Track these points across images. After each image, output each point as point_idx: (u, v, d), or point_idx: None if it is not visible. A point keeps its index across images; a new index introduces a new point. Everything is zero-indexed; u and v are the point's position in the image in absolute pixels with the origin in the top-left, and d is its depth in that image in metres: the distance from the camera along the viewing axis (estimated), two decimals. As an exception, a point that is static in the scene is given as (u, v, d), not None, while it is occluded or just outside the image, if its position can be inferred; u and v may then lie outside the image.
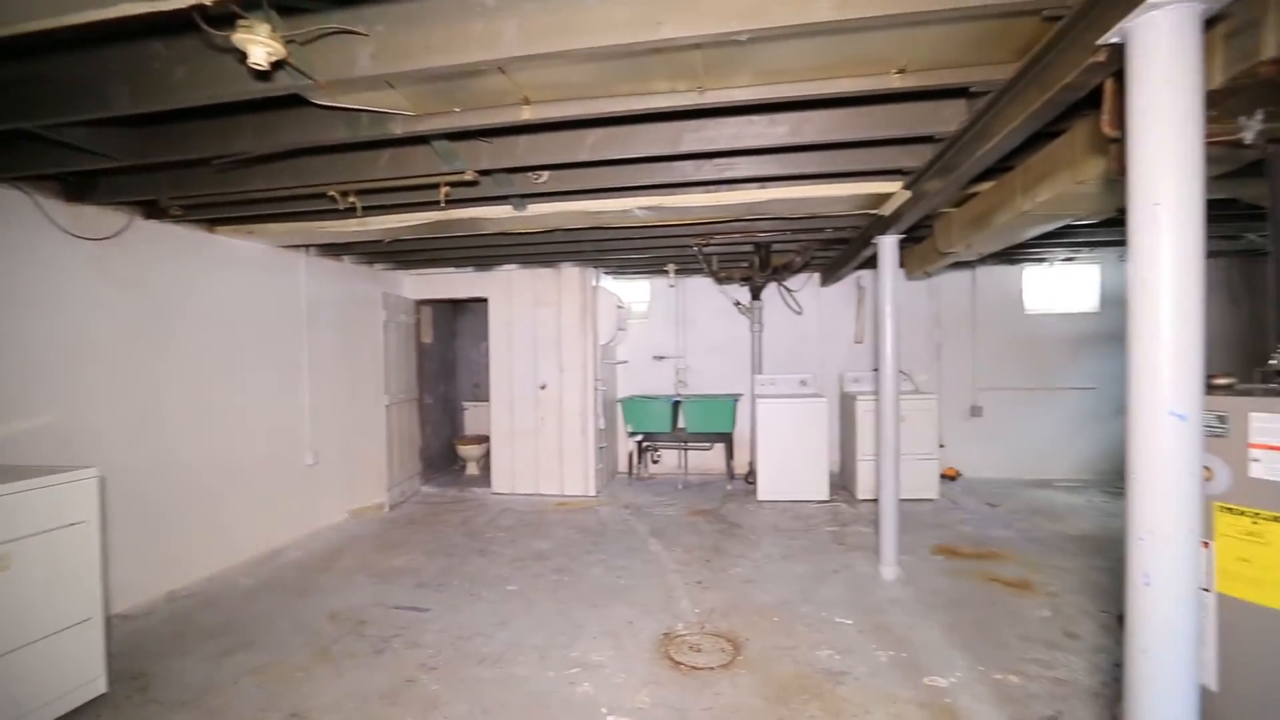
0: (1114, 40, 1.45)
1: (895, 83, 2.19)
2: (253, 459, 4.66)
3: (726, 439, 6.75)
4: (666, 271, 6.75)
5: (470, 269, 6.60)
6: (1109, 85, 1.61)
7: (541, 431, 6.49)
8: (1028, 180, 2.88)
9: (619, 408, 7.16)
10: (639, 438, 6.86)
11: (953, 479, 6.66)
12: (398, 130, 2.55)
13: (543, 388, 6.47)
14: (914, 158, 3.07)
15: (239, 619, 3.58)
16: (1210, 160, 2.14)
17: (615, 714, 2.61)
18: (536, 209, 3.99)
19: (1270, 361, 1.57)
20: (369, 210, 3.83)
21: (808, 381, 6.57)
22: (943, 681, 2.82)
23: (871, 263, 4.18)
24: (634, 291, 7.61)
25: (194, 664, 3.08)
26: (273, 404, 4.89)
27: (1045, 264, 6.62)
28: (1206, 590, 1.54)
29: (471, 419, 8.23)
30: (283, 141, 2.75)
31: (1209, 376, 1.64)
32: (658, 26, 1.82)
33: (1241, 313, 6.24)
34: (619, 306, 6.89)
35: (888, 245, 3.89)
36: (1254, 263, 6.16)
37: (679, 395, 7.06)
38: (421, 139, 2.88)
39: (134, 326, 3.83)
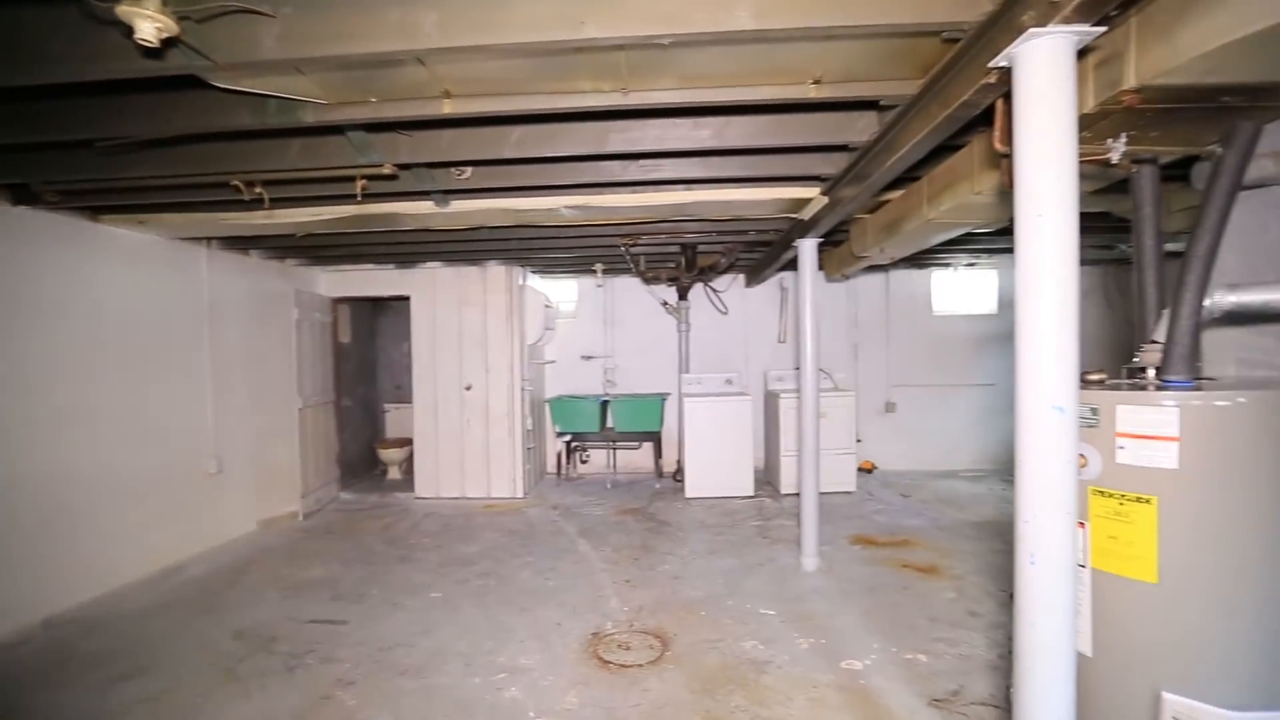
0: (1003, 64, 1.57)
1: (812, 93, 2.29)
2: (147, 468, 4.29)
3: (655, 438, 6.82)
4: (594, 271, 6.75)
5: (391, 266, 6.36)
6: (1000, 104, 1.74)
7: (467, 433, 6.34)
8: (932, 190, 3.07)
9: (547, 408, 7.09)
10: (567, 438, 6.82)
11: (869, 472, 7.00)
12: (308, 119, 2.42)
13: (468, 388, 6.32)
14: (831, 165, 3.21)
15: (131, 643, 3.30)
16: (1085, 177, 2.36)
17: (543, 717, 2.59)
18: (460, 206, 3.89)
19: (1134, 359, 1.75)
20: (278, 202, 3.61)
21: (733, 380, 6.74)
22: (859, 664, 2.96)
23: (794, 265, 4.35)
24: (562, 291, 7.55)
25: (76, 696, 2.81)
26: (170, 408, 4.53)
27: (950, 268, 7.08)
28: (1082, 566, 1.70)
29: (394, 421, 7.93)
30: (178, 125, 2.55)
31: (1084, 373, 1.80)
32: (581, 26, 1.82)
33: (1115, 315, 6.89)
34: (547, 306, 6.82)
35: (807, 248, 4.04)
36: (1125, 270, 6.82)
37: (607, 395, 7.07)
38: (335, 129, 2.75)
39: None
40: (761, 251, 5.69)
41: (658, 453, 6.90)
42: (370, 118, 2.46)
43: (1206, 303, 1.63)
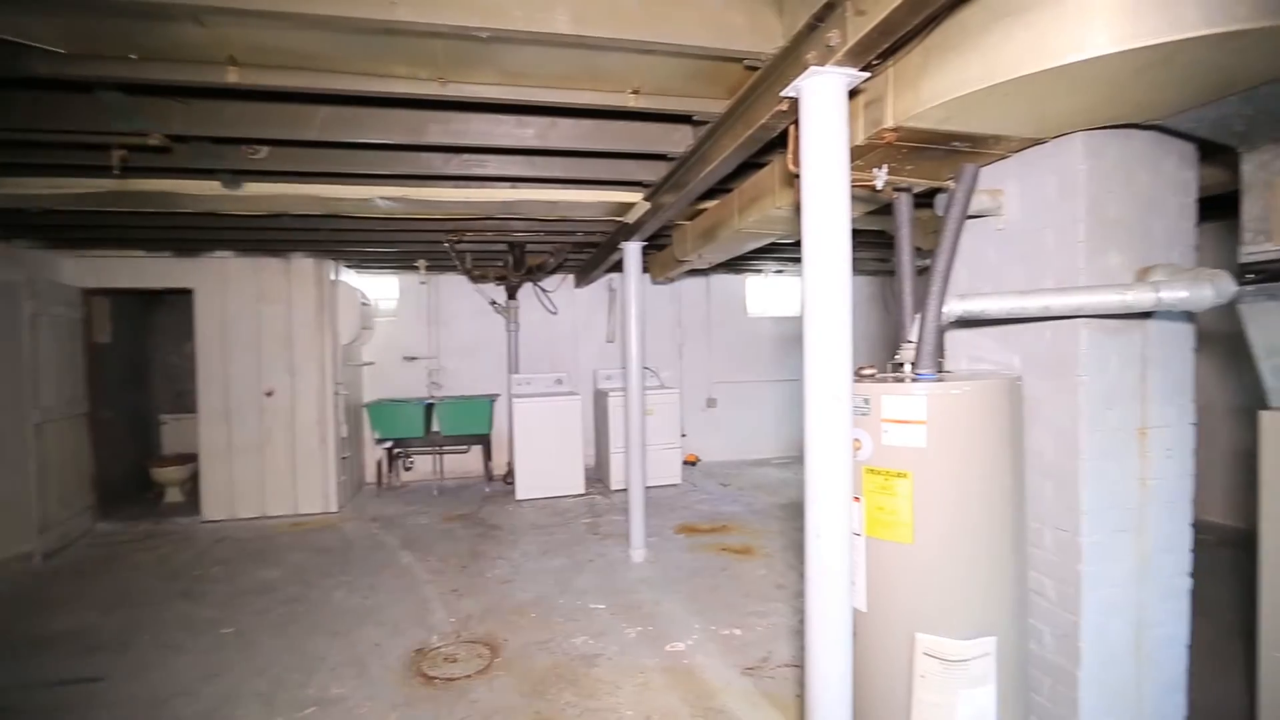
0: (792, 94, 1.77)
1: (631, 102, 2.38)
2: None
3: (484, 440, 6.63)
4: (417, 268, 6.37)
5: (169, 254, 5.45)
6: (793, 130, 1.94)
7: (269, 445, 5.65)
8: (742, 202, 3.36)
9: (365, 413, 6.57)
10: (388, 444, 6.37)
11: (693, 464, 7.45)
12: (40, 70, 1.99)
13: (269, 394, 5.63)
14: (652, 172, 3.36)
15: None
16: (859, 199, 2.73)
17: (358, 748, 2.40)
18: (256, 189, 3.46)
19: (896, 356, 2.08)
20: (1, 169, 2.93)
21: (563, 380, 6.78)
22: (682, 645, 3.15)
23: (621, 266, 4.49)
24: (381, 288, 7.04)
25: None
26: None
27: (762, 274, 7.78)
28: (858, 535, 1.97)
29: (173, 435, 6.80)
30: None
31: (859, 368, 2.10)
32: (392, 7, 1.71)
33: (890, 319, 8.09)
34: (363, 303, 6.31)
35: (632, 251, 4.20)
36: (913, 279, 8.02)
37: (432, 397, 6.72)
38: (83, 86, 2.29)
39: None
40: (589, 252, 5.79)
41: (487, 455, 6.71)
42: (129, 77, 2.09)
43: (945, 309, 1.98)
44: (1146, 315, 2.02)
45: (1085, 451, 1.98)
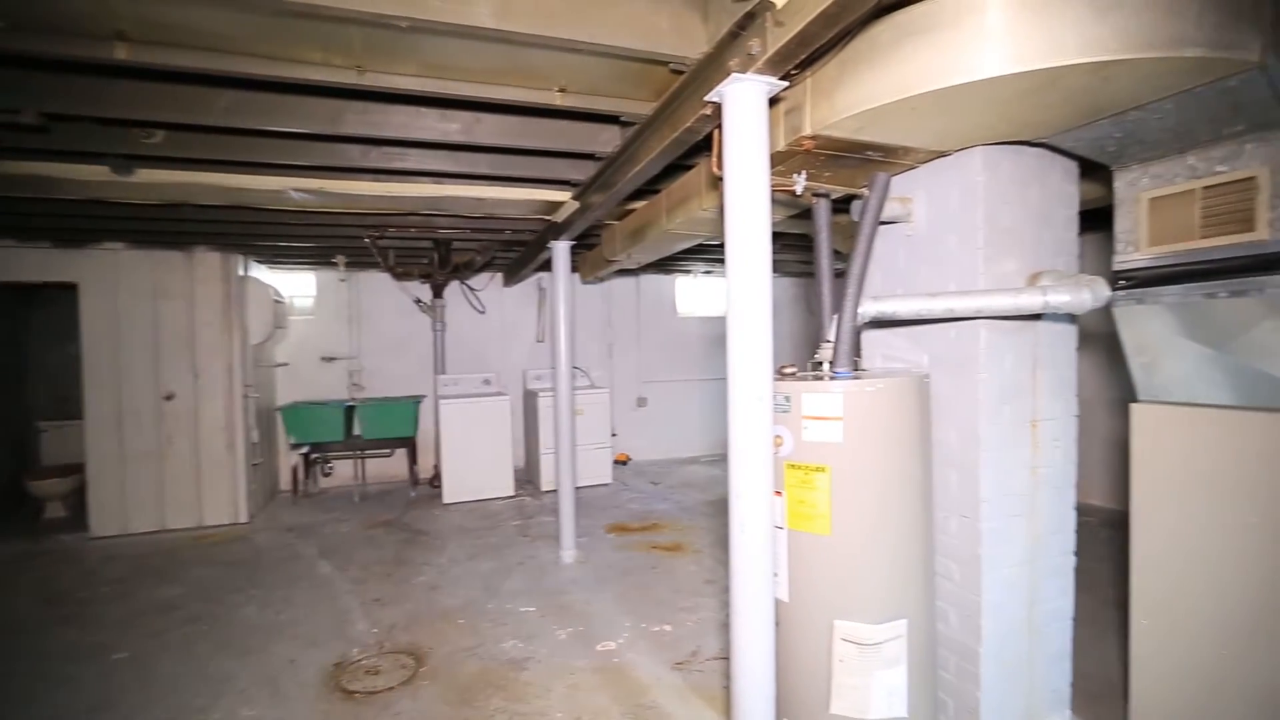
0: (715, 99, 1.81)
1: (558, 100, 2.36)
2: None
3: (409, 443, 6.41)
4: (336, 264, 6.08)
5: (47, 244, 4.95)
6: (717, 134, 1.99)
7: (169, 452, 5.24)
8: (670, 203, 3.40)
9: (279, 417, 6.21)
10: (305, 449, 6.05)
11: (624, 463, 7.49)
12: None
13: (169, 398, 5.22)
14: (580, 171, 3.35)
15: None
16: (782, 204, 2.83)
17: (269, 771, 2.27)
18: (150, 176, 3.20)
19: (815, 356, 2.16)
20: None
21: (491, 380, 6.65)
22: (613, 644, 3.16)
23: (550, 265, 4.45)
24: (297, 284, 6.67)
25: None
26: None
27: (691, 275, 7.91)
28: (780, 528, 2.05)
29: (54, 444, 6.20)
30: None
31: (781, 367, 2.17)
32: (303, -12, 1.63)
33: (813, 320, 8.40)
34: (276, 301, 5.97)
35: (561, 250, 4.17)
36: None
37: (353, 399, 6.44)
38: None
39: None
40: (518, 251, 5.71)
41: (413, 459, 6.49)
42: (-3, 49, 1.88)
43: (860, 310, 2.08)
44: (1037, 317, 2.20)
45: (985, 443, 2.13)
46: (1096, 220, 2.72)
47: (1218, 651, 1.96)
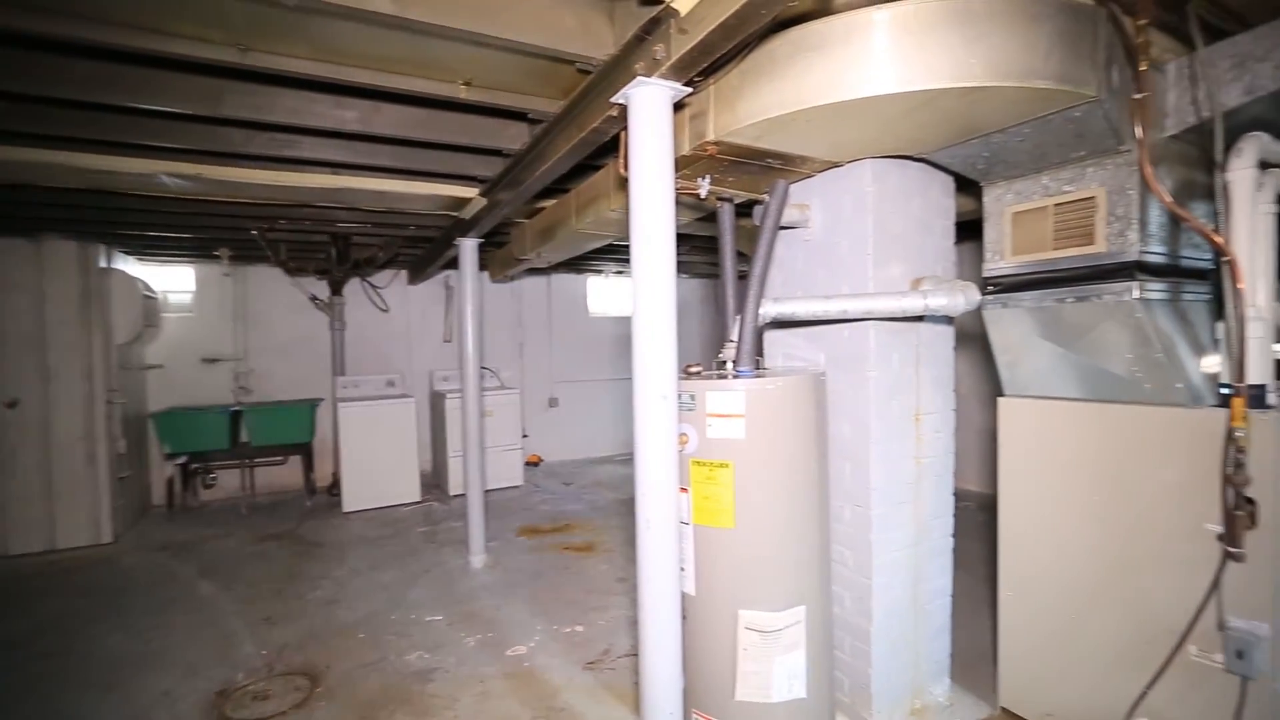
0: (621, 101, 1.83)
1: (463, 94, 2.30)
2: None
3: (304, 449, 6.01)
4: (218, 257, 5.60)
5: None
6: (623, 135, 2.00)
7: (13, 467, 4.63)
8: (579, 203, 3.39)
9: (151, 424, 5.64)
10: (183, 459, 5.53)
11: (536, 465, 7.39)
12: None
13: (11, 405, 4.62)
14: (488, 168, 3.28)
15: None
16: (687, 207, 2.89)
17: (138, 815, 2.06)
18: (-15, 153, 2.82)
19: (720, 355, 2.23)
20: None
21: (396, 382, 6.37)
22: (523, 648, 3.11)
23: (458, 263, 4.31)
24: (173, 279, 6.09)
25: None
26: None
27: (603, 275, 7.93)
28: (686, 524, 2.10)
29: None
30: None
31: (686, 366, 2.22)
32: (170, -45, 1.49)
33: (723, 320, 8.66)
34: (147, 296, 5.42)
35: (468, 248, 4.06)
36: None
37: (239, 404, 5.96)
38: None
39: None
40: (423, 247, 5.50)
41: (309, 466, 6.09)
42: None
43: (761, 311, 2.17)
44: (919, 319, 2.38)
45: (875, 435, 2.28)
46: (971, 231, 2.98)
47: (1068, 616, 2.20)
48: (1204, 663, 1.86)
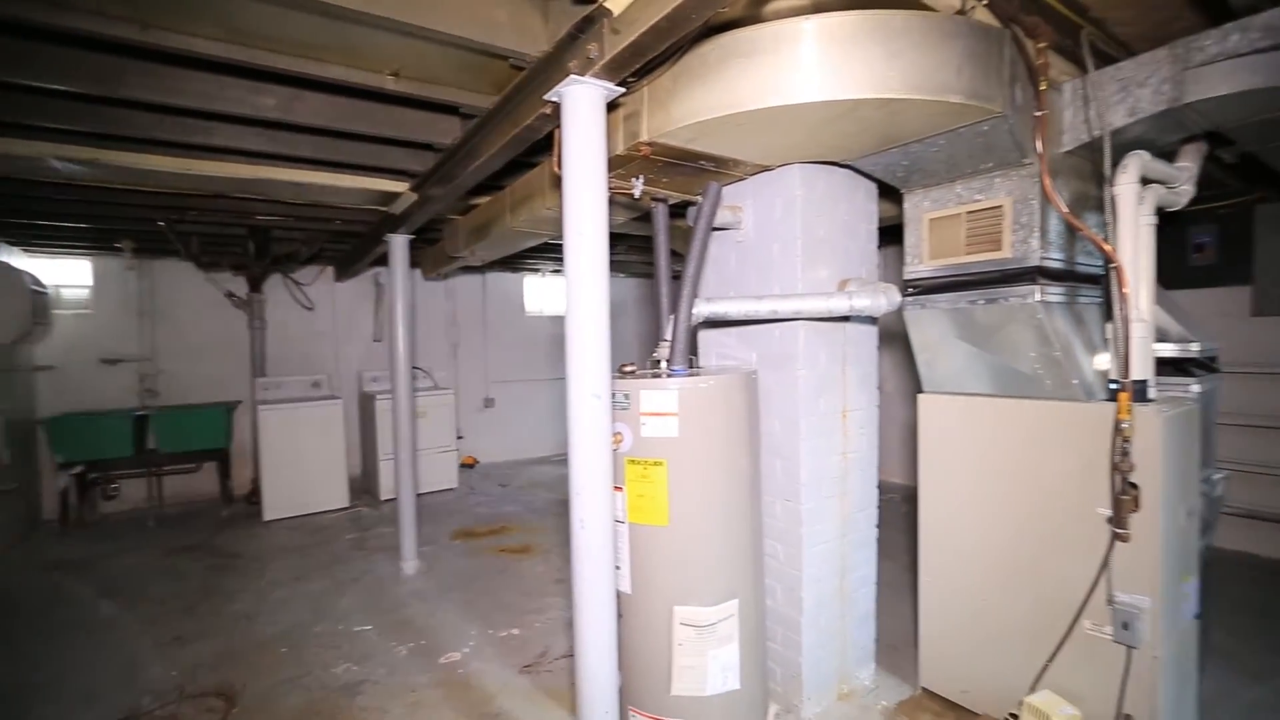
0: (555, 99, 1.81)
1: (390, 84, 2.23)
2: None
3: (220, 455, 5.66)
4: (120, 249, 5.19)
5: None
6: (558, 133, 1.99)
7: (-128, 482, 4.14)
8: (514, 200, 3.34)
9: (41, 431, 5.17)
10: (79, 469, 5.10)
11: (471, 466, 7.24)
12: None
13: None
14: (419, 162, 3.18)
15: None
16: (622, 206, 2.90)
17: None
18: None
19: (654, 355, 2.25)
20: None
21: (322, 383, 6.09)
22: (457, 655, 3.04)
23: (388, 259, 4.16)
24: (67, 272, 5.60)
25: None
26: None
27: (539, 274, 7.84)
28: (621, 522, 2.11)
29: None
30: None
31: (621, 366, 2.23)
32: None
33: (659, 320, 8.72)
34: (36, 291, 4.96)
35: (399, 244, 3.93)
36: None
37: (145, 408, 5.54)
38: None
39: None
40: (351, 243, 5.29)
41: (225, 473, 5.74)
42: None
43: (695, 311, 2.20)
44: (845, 319, 2.47)
45: (804, 432, 2.36)
46: (893, 235, 3.12)
47: (981, 598, 2.34)
48: (1096, 635, 2.03)
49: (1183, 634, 2.08)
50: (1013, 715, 2.12)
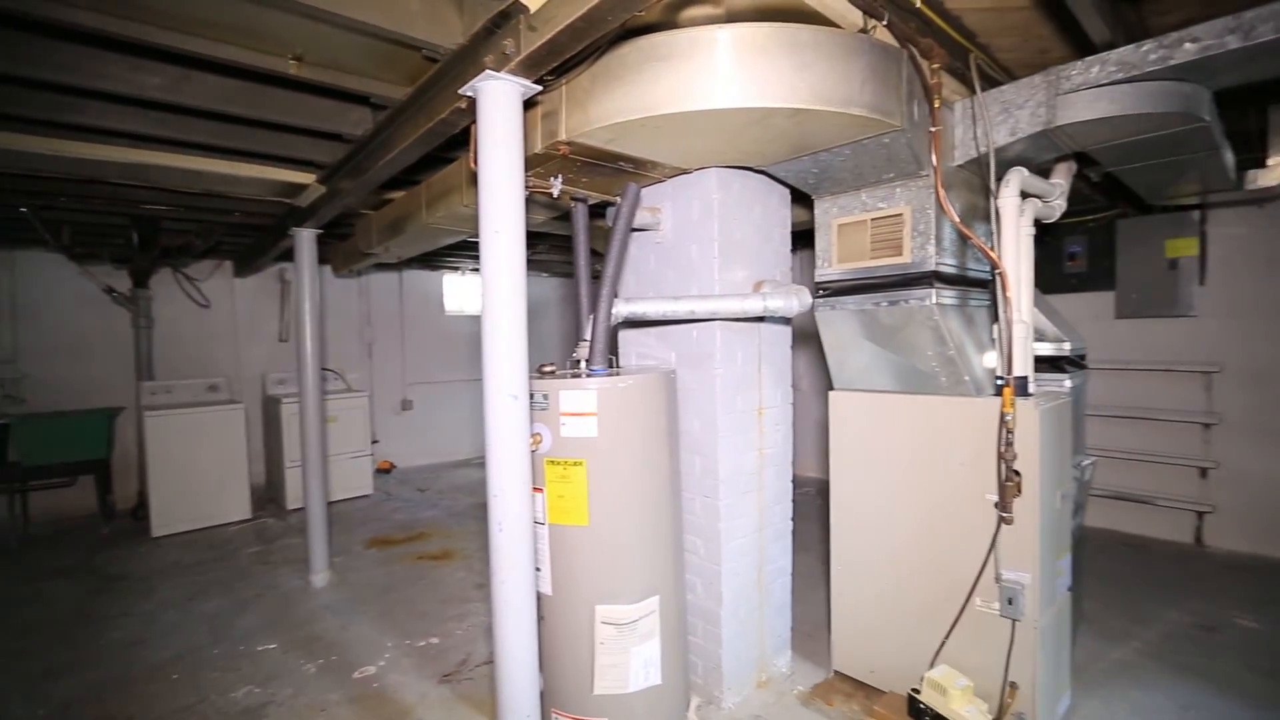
0: (470, 94, 1.77)
1: (293, 70, 2.10)
2: None
3: (99, 467, 5.14)
4: (-25, 239, 4.63)
5: None
6: (474, 128, 1.94)
7: None
8: (430, 196, 3.24)
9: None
10: (-75, 487, 4.50)
11: (388, 472, 6.95)
12: None
13: None
14: (327, 153, 3.03)
15: None
16: (543, 205, 2.88)
17: None
18: None
19: (574, 355, 2.25)
20: None
21: (220, 386, 5.66)
22: (372, 668, 2.91)
23: (294, 255, 3.92)
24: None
25: None
26: None
27: (460, 272, 7.63)
28: (541, 524, 2.09)
29: None
30: None
31: (540, 366, 2.21)
32: None
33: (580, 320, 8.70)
34: None
35: (305, 239, 3.72)
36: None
37: (5, 416, 4.95)
38: None
39: None
40: (252, 236, 4.95)
41: (105, 487, 5.22)
42: None
43: (614, 311, 2.21)
44: (761, 319, 2.56)
45: (722, 430, 2.42)
46: (807, 239, 3.26)
47: (887, 583, 2.49)
48: (986, 611, 2.20)
49: (1058, 606, 2.29)
50: (915, 690, 2.27)
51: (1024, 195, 2.19)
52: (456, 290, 7.75)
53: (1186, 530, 4.30)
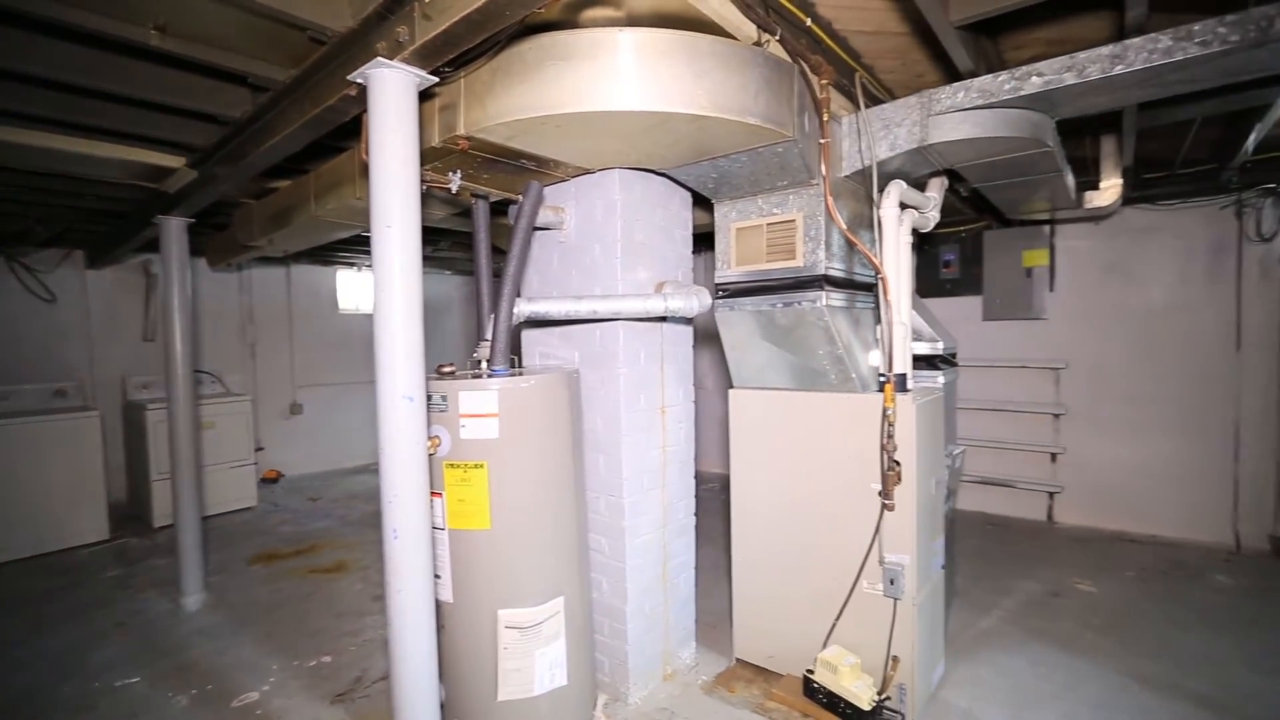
0: (360, 81, 1.69)
1: (154, 41, 1.90)
2: None
3: (-85, 488, 4.44)
4: None
5: None
6: (365, 118, 1.85)
7: None
8: (319, 187, 3.04)
9: None
10: None
11: (275, 481, 6.46)
12: None
13: None
14: (200, 135, 2.77)
15: None
16: (442, 201, 2.79)
17: None
18: None
19: (474, 354, 2.19)
20: None
21: (70, 391, 5.04)
22: (255, 695, 2.70)
23: (159, 245, 3.54)
24: None
25: None
26: None
27: (354, 268, 7.21)
28: (440, 529, 2.02)
29: None
30: None
31: (439, 366, 2.14)
32: None
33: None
34: None
35: (174, 228, 3.39)
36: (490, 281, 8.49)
37: None
38: None
39: None
40: (109, 224, 4.44)
41: (-78, 510, 4.51)
42: None
43: (516, 310, 2.18)
44: (663, 319, 2.61)
45: (625, 429, 2.45)
46: (708, 241, 3.36)
47: (783, 571, 2.61)
48: (872, 592, 2.36)
49: (934, 583, 2.50)
50: (809, 671, 2.39)
51: (903, 206, 2.37)
52: (351, 287, 7.32)
53: (1040, 509, 4.82)
